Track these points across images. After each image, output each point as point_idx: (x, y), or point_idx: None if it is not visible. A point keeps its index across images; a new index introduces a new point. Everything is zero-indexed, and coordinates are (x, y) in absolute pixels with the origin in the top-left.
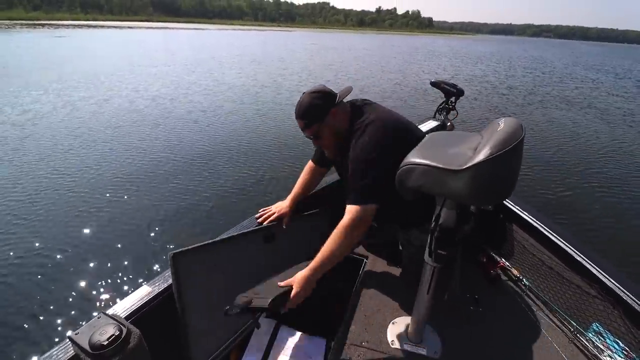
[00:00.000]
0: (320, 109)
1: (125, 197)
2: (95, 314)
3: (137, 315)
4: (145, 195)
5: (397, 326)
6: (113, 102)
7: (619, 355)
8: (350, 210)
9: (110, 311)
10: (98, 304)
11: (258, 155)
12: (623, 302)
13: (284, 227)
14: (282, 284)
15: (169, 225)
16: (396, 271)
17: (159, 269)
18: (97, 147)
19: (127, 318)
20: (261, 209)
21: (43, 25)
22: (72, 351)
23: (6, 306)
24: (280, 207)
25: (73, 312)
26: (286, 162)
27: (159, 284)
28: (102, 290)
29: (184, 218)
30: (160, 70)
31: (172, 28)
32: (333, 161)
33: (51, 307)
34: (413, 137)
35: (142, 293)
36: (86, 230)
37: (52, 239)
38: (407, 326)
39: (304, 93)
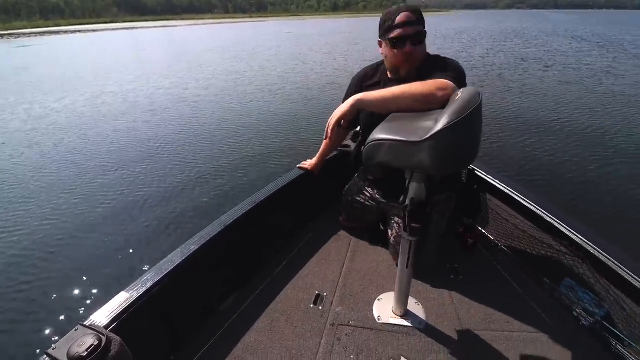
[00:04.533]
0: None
1: (93, 202)
2: (72, 326)
3: (118, 323)
4: (116, 200)
5: (383, 302)
6: (104, 104)
7: (590, 306)
8: (442, 80)
9: (88, 322)
10: (74, 316)
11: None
12: (590, 255)
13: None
14: None
15: (142, 230)
16: (379, 251)
17: (136, 275)
18: (73, 150)
19: (106, 327)
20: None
21: (2, 35)
22: None
23: None
24: (311, 162)
25: (48, 327)
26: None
27: (137, 289)
28: (77, 301)
29: (153, 222)
30: (142, 69)
31: (140, 27)
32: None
33: (25, 323)
34: None
35: (121, 300)
36: (57, 240)
37: (22, 251)
38: (392, 301)
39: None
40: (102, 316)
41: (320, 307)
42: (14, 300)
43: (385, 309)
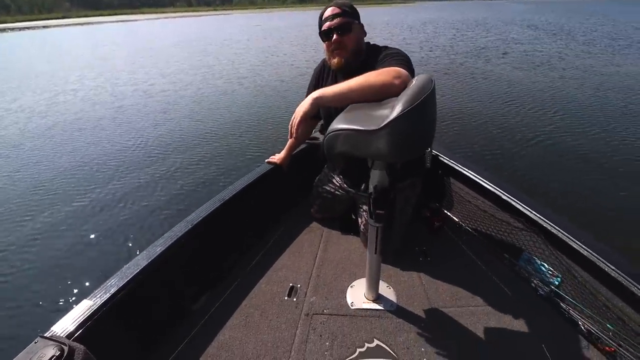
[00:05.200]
0: (358, 15)
1: (52, 204)
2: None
3: (81, 332)
4: (77, 202)
5: (355, 288)
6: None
7: (546, 276)
8: (395, 68)
9: (48, 333)
10: (33, 328)
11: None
12: (544, 229)
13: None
14: None
15: (106, 233)
16: (351, 239)
17: (100, 281)
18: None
19: (69, 336)
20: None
21: None
22: None
23: None
24: (280, 156)
25: (4, 342)
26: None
27: (100, 295)
28: (36, 312)
29: (118, 225)
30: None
31: (97, 23)
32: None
33: None
34: None
35: (84, 308)
36: (12, 247)
37: None
38: (364, 287)
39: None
40: (63, 326)
41: (295, 299)
42: None
43: (357, 295)
